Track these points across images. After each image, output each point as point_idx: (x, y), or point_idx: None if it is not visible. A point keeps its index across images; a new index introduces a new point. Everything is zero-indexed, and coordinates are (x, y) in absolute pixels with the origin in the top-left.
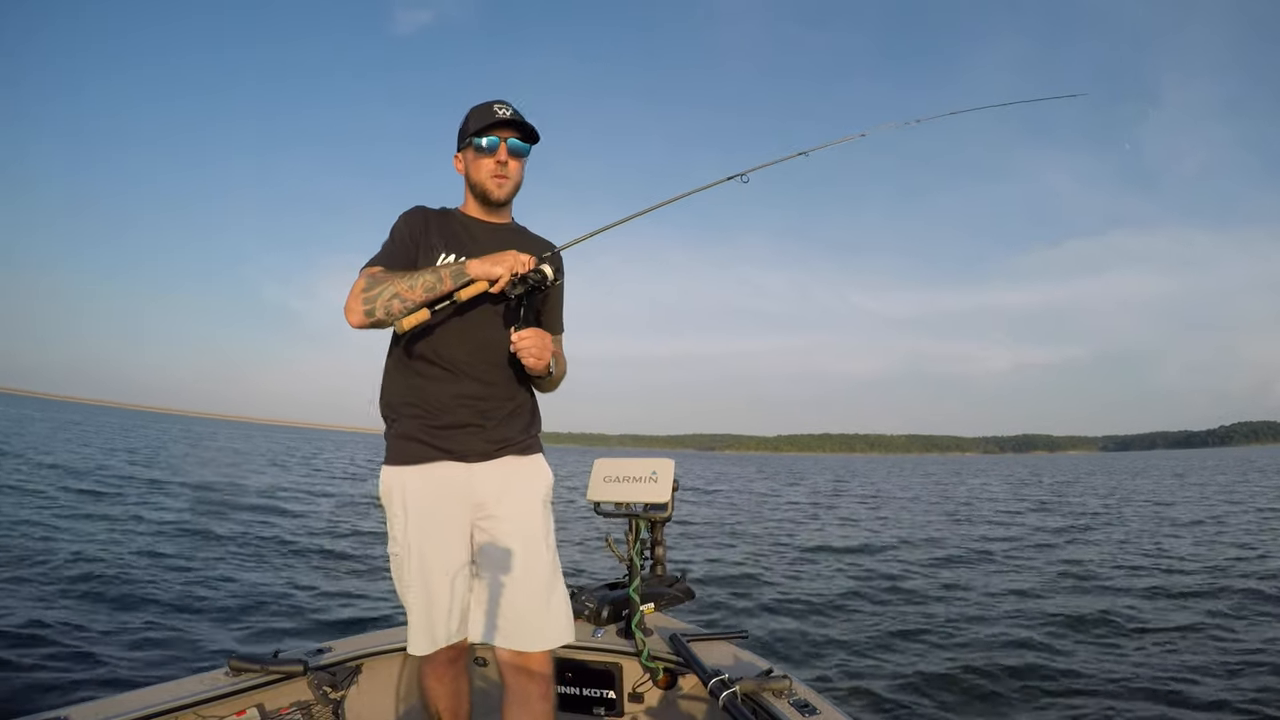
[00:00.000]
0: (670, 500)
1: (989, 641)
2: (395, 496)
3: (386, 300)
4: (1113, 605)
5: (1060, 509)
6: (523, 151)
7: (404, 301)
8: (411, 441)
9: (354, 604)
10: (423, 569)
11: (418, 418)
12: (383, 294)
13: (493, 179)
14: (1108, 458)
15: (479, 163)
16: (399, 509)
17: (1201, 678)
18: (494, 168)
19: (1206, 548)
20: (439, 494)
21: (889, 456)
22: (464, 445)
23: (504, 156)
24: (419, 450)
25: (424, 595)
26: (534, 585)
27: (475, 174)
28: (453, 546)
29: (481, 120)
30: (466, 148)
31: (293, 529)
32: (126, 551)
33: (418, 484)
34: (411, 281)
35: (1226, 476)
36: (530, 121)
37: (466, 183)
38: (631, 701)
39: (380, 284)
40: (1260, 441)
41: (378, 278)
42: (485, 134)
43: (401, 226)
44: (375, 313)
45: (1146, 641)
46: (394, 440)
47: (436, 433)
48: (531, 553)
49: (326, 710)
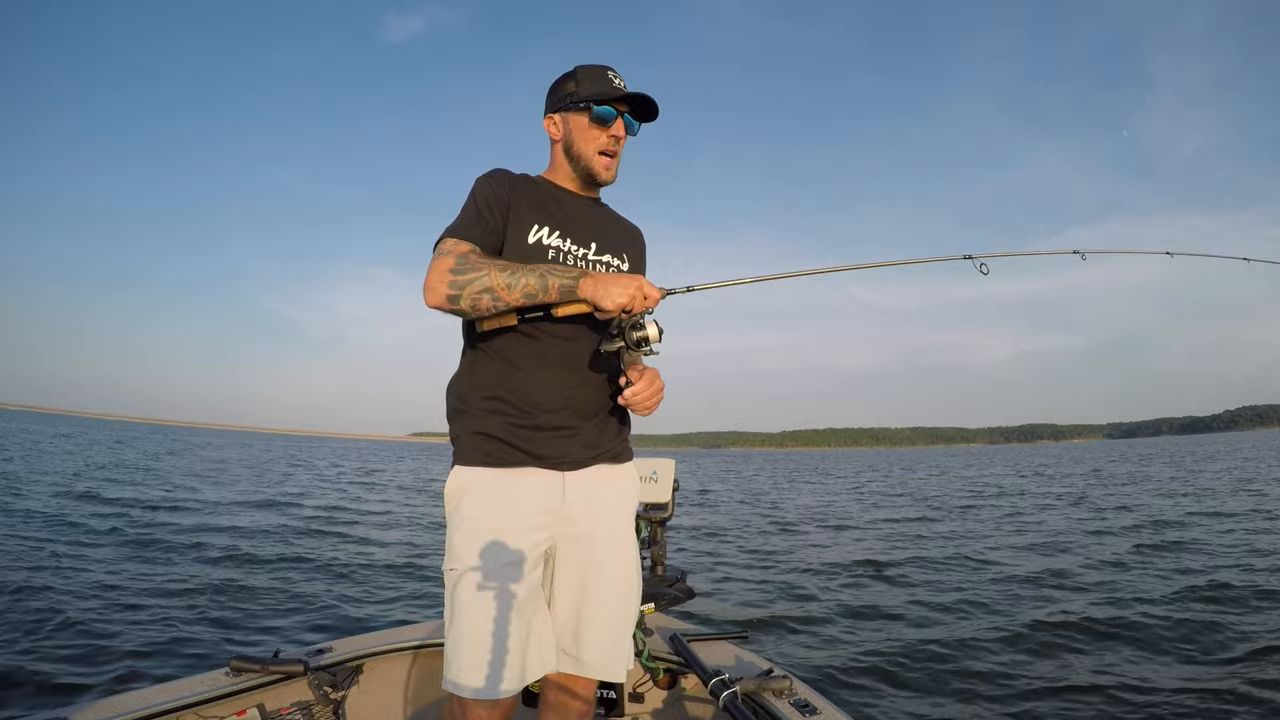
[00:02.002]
0: (670, 500)
1: (991, 642)
2: (466, 503)
3: (476, 293)
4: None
5: (1088, 500)
6: (635, 130)
7: (496, 300)
8: (493, 440)
9: (355, 604)
10: (490, 594)
11: (501, 413)
12: (474, 283)
13: (601, 156)
14: (1115, 445)
15: (589, 133)
16: (468, 518)
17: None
18: (607, 143)
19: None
20: (522, 506)
21: (895, 450)
22: (558, 450)
23: (620, 132)
24: (503, 452)
25: (486, 626)
26: (624, 612)
27: (582, 145)
28: (531, 570)
29: (599, 87)
30: (574, 112)
31: (292, 529)
32: (127, 551)
33: (496, 492)
34: (510, 280)
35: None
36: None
37: (563, 151)
38: (632, 701)
39: (473, 271)
40: (1266, 425)
41: (471, 262)
42: (607, 103)
43: (486, 190)
44: (460, 301)
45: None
46: (469, 437)
47: (526, 434)
48: (624, 576)
49: (327, 710)
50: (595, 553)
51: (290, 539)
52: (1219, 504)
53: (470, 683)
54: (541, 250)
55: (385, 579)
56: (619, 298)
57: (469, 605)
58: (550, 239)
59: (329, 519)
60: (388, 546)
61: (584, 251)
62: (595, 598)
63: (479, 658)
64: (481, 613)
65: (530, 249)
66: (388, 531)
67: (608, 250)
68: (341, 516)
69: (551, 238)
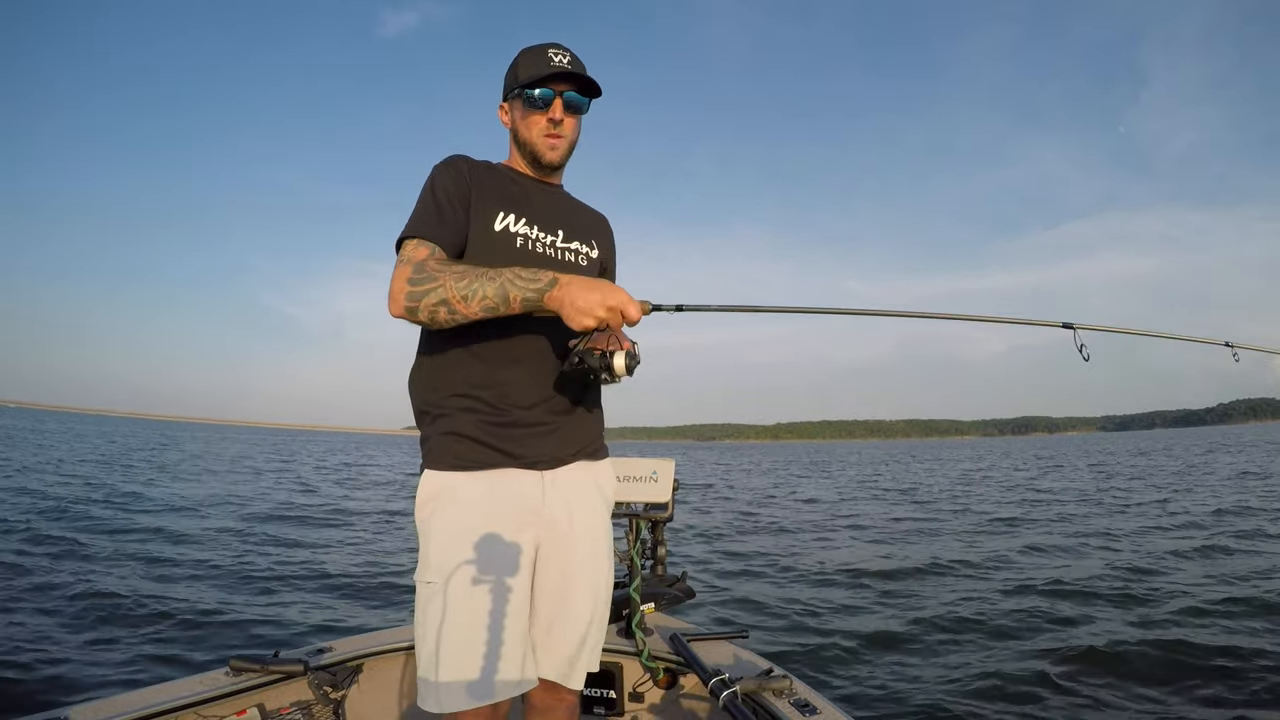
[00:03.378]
0: (671, 500)
1: (992, 642)
2: (442, 511)
3: (432, 305)
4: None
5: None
6: (581, 107)
7: (453, 314)
8: (467, 441)
9: (354, 604)
10: (477, 606)
11: (474, 411)
12: (429, 295)
13: (544, 139)
14: (1109, 438)
15: (529, 119)
16: (445, 526)
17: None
18: (546, 126)
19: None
20: (503, 509)
21: (889, 442)
22: (535, 449)
23: (559, 114)
24: (479, 453)
25: (475, 639)
26: (601, 613)
27: (525, 131)
28: (520, 576)
29: (534, 68)
30: (515, 98)
31: (292, 529)
32: (127, 552)
33: (475, 496)
34: (467, 291)
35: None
36: (591, 74)
37: (513, 139)
38: (632, 701)
39: (429, 282)
40: (1259, 418)
41: (427, 270)
42: (538, 85)
43: (445, 182)
44: (418, 314)
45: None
46: (440, 439)
47: (502, 432)
48: (602, 579)
49: (327, 710)
50: (575, 554)
51: (290, 538)
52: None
53: (454, 699)
54: (510, 238)
55: (385, 579)
56: (589, 317)
57: (453, 619)
58: (517, 226)
59: (329, 519)
60: (388, 545)
61: (552, 239)
62: (581, 604)
63: (462, 672)
64: (468, 626)
65: (498, 237)
66: (388, 530)
67: (576, 237)
68: (342, 516)
69: (519, 225)
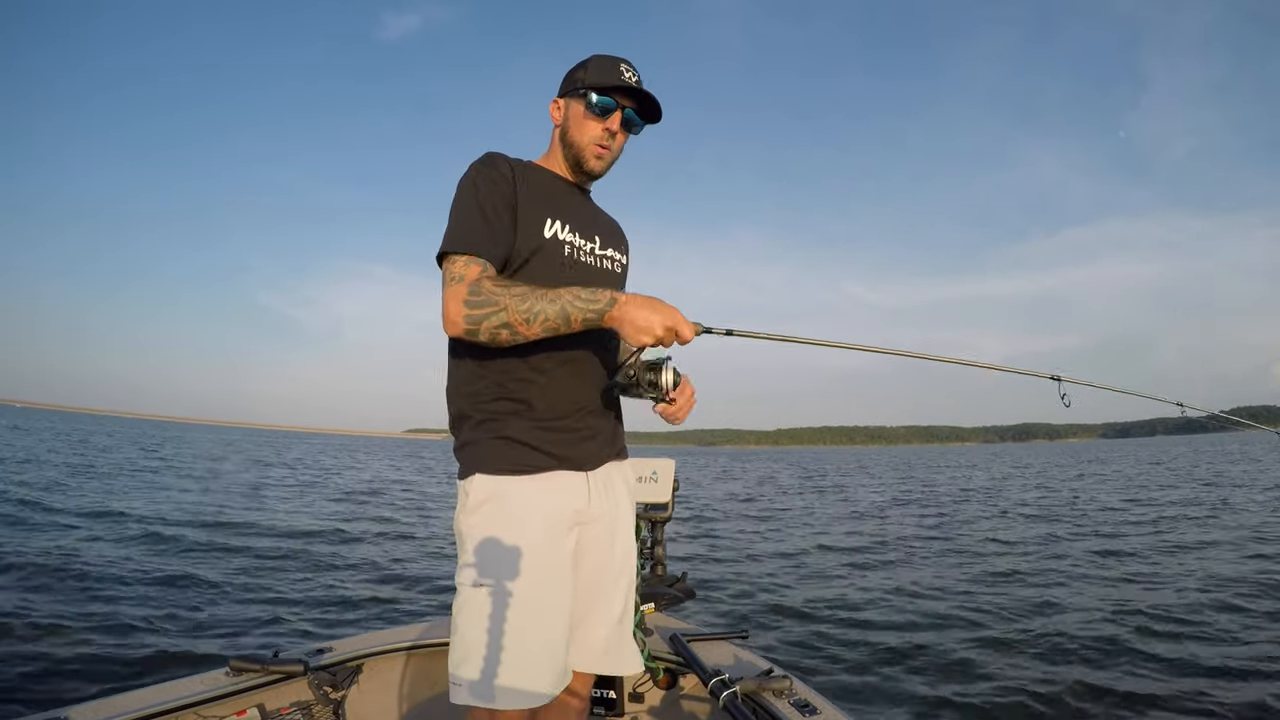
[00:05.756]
0: (670, 500)
1: (995, 643)
2: (495, 514)
3: (493, 328)
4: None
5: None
6: (636, 127)
7: (515, 335)
8: (518, 446)
9: (355, 604)
10: (530, 608)
11: (522, 416)
12: (490, 319)
13: (594, 147)
14: (1110, 445)
15: (585, 123)
16: (498, 529)
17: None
18: (600, 135)
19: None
20: (554, 512)
21: (890, 448)
22: (582, 451)
23: (615, 125)
24: (531, 457)
25: (525, 641)
26: (630, 604)
27: (576, 133)
28: (567, 578)
29: (603, 77)
30: (575, 98)
31: (291, 529)
32: (126, 552)
33: (527, 499)
34: (528, 314)
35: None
36: (657, 98)
37: (560, 137)
38: (632, 701)
39: (488, 305)
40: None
41: (485, 292)
42: (604, 93)
43: (488, 187)
44: (478, 335)
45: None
46: (490, 444)
47: (551, 436)
48: (632, 569)
49: (327, 710)
50: (612, 550)
51: (290, 538)
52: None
53: (512, 698)
54: (558, 245)
55: (385, 579)
56: (647, 335)
57: (505, 621)
58: (564, 233)
59: (330, 518)
60: (388, 545)
61: (591, 246)
62: (615, 596)
63: (522, 673)
64: (519, 629)
65: (548, 244)
66: (388, 530)
67: (610, 245)
68: (342, 515)
69: (565, 232)
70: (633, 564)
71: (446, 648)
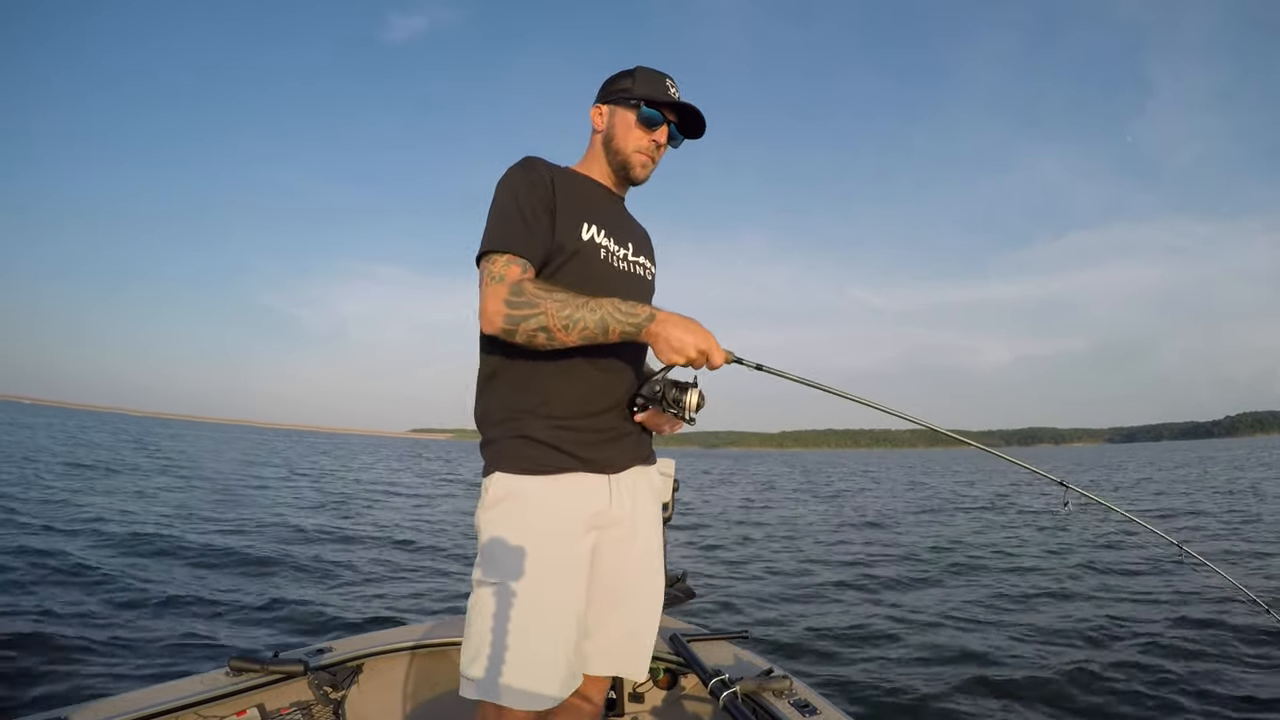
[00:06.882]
0: (670, 500)
1: (994, 644)
2: (512, 513)
3: (531, 330)
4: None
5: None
6: (677, 141)
7: (552, 340)
8: (539, 446)
9: (355, 604)
10: (545, 607)
11: (547, 417)
12: (529, 321)
13: (640, 155)
14: (1116, 449)
15: (633, 132)
16: (515, 528)
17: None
18: (648, 145)
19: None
20: (572, 513)
21: (895, 451)
22: (607, 455)
23: (663, 138)
24: (551, 457)
25: (539, 641)
26: (656, 608)
27: (622, 141)
28: (583, 579)
29: (654, 90)
30: (624, 107)
31: (291, 528)
32: (127, 551)
33: (545, 499)
34: (568, 321)
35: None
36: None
37: (603, 144)
38: (632, 701)
39: (529, 307)
40: (1266, 431)
41: (526, 294)
42: (655, 106)
43: (527, 190)
44: (515, 336)
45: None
46: (511, 443)
47: (573, 437)
48: (657, 574)
49: (327, 710)
50: (634, 554)
51: (291, 538)
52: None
53: (522, 698)
54: (594, 249)
55: (385, 579)
56: (680, 355)
57: (520, 620)
58: (600, 238)
59: (330, 518)
60: (389, 545)
61: (624, 252)
62: (637, 599)
63: (533, 673)
64: (532, 628)
65: (585, 247)
66: (389, 530)
67: (641, 252)
68: (343, 515)
69: (601, 236)
70: (657, 568)
71: (447, 648)
